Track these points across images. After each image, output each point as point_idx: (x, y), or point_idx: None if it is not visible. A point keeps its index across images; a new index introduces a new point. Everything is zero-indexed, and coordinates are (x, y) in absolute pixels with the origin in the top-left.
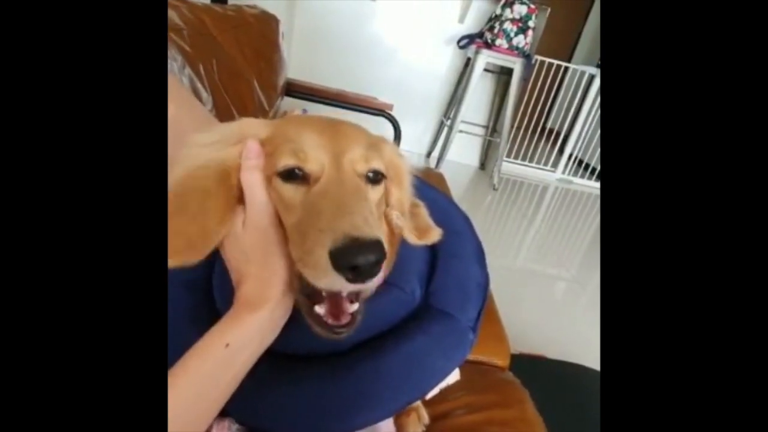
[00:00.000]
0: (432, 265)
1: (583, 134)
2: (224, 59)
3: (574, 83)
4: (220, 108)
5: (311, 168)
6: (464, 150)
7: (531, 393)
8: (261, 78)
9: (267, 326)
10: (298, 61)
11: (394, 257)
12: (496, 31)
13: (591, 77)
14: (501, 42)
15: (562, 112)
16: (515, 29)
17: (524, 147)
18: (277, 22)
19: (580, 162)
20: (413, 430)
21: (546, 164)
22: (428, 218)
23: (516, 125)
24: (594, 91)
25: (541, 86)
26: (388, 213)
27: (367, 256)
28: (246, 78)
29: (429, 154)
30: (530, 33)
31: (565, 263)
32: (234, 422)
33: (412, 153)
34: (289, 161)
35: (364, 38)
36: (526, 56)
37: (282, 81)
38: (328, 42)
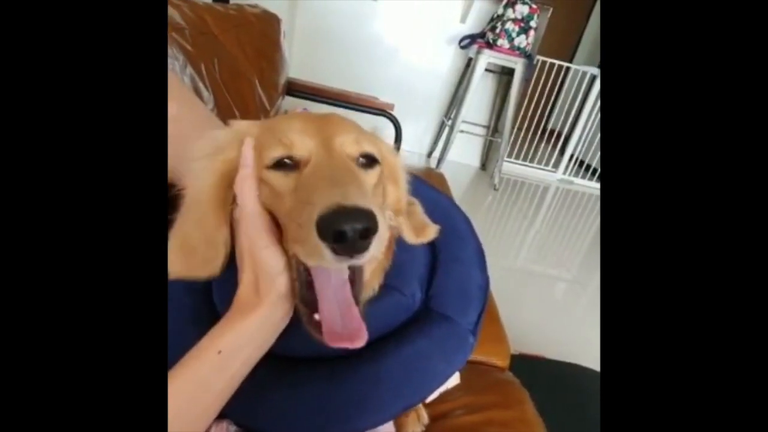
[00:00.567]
0: (432, 268)
1: (585, 135)
2: (226, 58)
3: (576, 84)
4: (222, 107)
5: (299, 153)
6: (465, 150)
7: (531, 393)
8: (262, 77)
9: (260, 331)
10: (300, 61)
11: (390, 258)
12: (498, 31)
13: (593, 78)
14: (503, 42)
15: (564, 113)
16: (517, 29)
17: (525, 147)
18: (279, 22)
19: (581, 163)
20: (412, 430)
21: (547, 165)
22: (424, 216)
23: (517, 125)
24: (595, 92)
25: (543, 86)
26: (387, 214)
27: (353, 224)
28: (247, 77)
29: (430, 154)
30: (532, 33)
31: (566, 264)
32: (232, 424)
33: (413, 153)
34: (277, 152)
35: (366, 38)
36: (528, 56)
37: (283, 80)
38: (330, 41)
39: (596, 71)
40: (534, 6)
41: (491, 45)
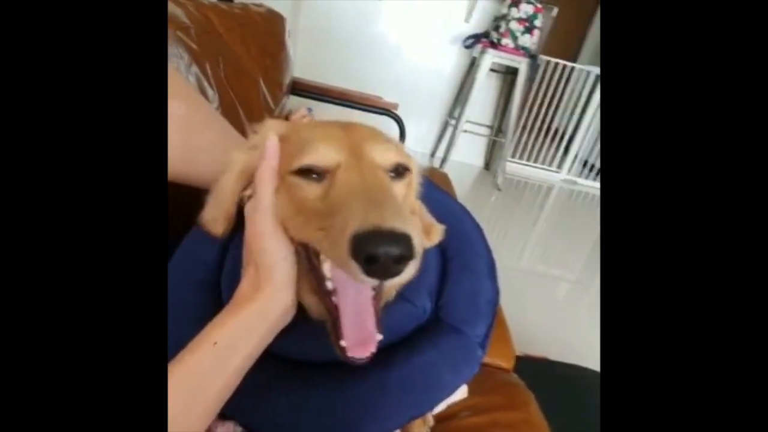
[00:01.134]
0: (443, 276)
1: (588, 135)
2: (230, 57)
3: (580, 84)
4: (226, 106)
5: (326, 163)
6: (469, 150)
7: (535, 395)
8: (267, 76)
9: (258, 324)
10: (304, 60)
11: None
12: (502, 31)
13: (596, 78)
14: (507, 41)
15: (568, 113)
16: (521, 29)
17: (529, 147)
18: (283, 21)
19: (585, 163)
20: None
21: (551, 165)
22: (429, 216)
23: (521, 125)
24: (599, 92)
25: (547, 86)
26: None
27: (390, 248)
28: (252, 76)
29: (433, 154)
30: (536, 33)
31: (569, 264)
32: (238, 425)
33: (417, 152)
34: (304, 159)
35: (370, 37)
36: (532, 56)
37: (288, 80)
38: (334, 41)
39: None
40: (538, 5)
41: (495, 44)
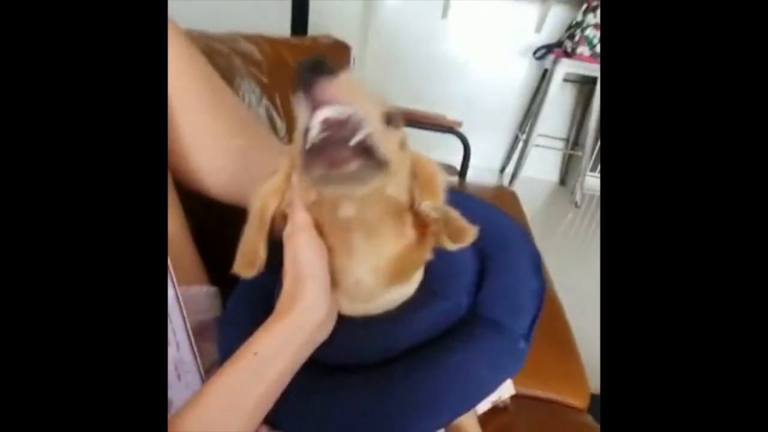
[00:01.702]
0: (481, 276)
1: None
2: None
3: None
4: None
5: None
6: (542, 165)
7: None
8: None
9: (294, 336)
10: (373, 84)
11: (425, 258)
12: (577, 39)
13: None
14: (582, 50)
15: None
16: (599, 35)
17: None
18: (349, 50)
19: None
20: None
21: None
22: (462, 219)
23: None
24: None
25: None
26: (423, 205)
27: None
28: None
29: (503, 170)
30: None
31: None
32: (269, 429)
33: (484, 170)
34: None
35: (436, 56)
36: None
37: None
38: (401, 63)
39: None
40: None
41: (570, 54)
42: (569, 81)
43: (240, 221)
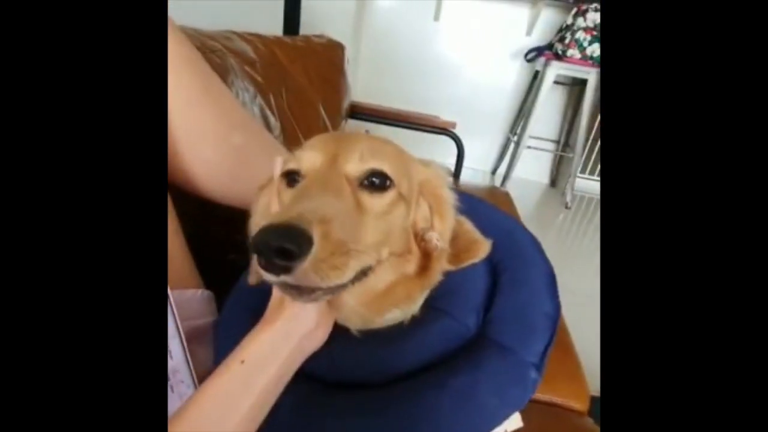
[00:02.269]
0: (491, 294)
1: None
2: (293, 87)
3: None
4: (288, 134)
5: (305, 168)
6: (533, 166)
7: None
8: (326, 102)
9: (282, 343)
10: (366, 84)
11: (433, 281)
12: (568, 42)
13: None
14: (573, 52)
15: None
16: (589, 38)
17: (600, 162)
18: (343, 49)
19: None
20: None
21: None
22: (474, 231)
23: (592, 137)
24: None
25: None
26: (427, 234)
27: (272, 241)
28: (312, 103)
29: (494, 171)
30: None
31: None
32: None
33: (477, 170)
34: (290, 165)
35: (429, 58)
36: None
37: (346, 104)
38: (394, 64)
39: None
40: None
41: (560, 56)
42: (560, 83)
43: (235, 223)
